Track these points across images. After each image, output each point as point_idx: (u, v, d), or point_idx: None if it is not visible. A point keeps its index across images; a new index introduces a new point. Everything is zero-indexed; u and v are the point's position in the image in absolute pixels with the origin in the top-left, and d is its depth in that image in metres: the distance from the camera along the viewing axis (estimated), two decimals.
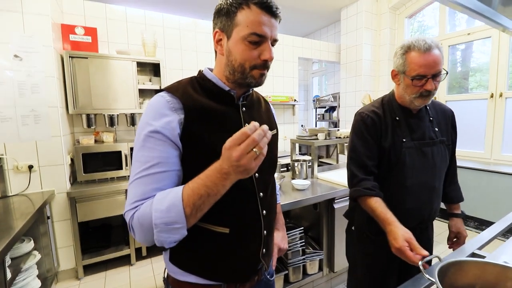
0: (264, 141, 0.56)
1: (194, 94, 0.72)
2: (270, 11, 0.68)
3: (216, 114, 0.72)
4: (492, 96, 3.23)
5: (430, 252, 1.25)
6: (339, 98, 4.74)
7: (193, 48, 3.36)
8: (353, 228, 1.29)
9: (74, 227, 2.27)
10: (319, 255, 2.02)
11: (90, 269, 2.43)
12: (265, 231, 0.80)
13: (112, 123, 2.69)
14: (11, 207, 1.87)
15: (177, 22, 3.24)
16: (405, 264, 1.17)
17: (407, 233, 0.93)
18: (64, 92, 2.40)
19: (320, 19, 4.92)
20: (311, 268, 2.03)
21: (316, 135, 2.50)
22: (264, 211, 0.79)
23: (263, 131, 0.56)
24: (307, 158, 2.62)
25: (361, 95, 4.28)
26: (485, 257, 1.01)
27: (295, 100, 4.16)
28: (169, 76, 3.17)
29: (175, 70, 3.25)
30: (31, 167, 2.14)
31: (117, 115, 2.70)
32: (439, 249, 2.68)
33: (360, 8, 4.13)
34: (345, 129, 2.70)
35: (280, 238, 0.99)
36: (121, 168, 2.54)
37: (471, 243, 1.12)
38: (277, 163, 0.95)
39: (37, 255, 1.95)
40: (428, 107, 1.21)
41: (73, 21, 2.64)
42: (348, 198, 1.35)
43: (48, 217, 2.20)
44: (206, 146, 0.68)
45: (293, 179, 2.29)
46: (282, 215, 1.07)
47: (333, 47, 4.64)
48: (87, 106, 2.47)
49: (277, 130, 0.90)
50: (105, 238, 2.60)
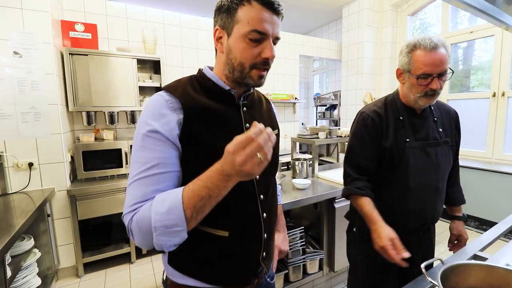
0: (268, 145, 0.54)
1: (194, 94, 0.70)
2: (272, 7, 0.66)
3: (216, 114, 0.71)
4: (494, 95, 3.21)
5: (432, 254, 1.25)
6: (340, 96, 4.72)
7: (193, 45, 3.34)
8: (354, 230, 1.29)
9: (74, 225, 2.27)
10: (319, 254, 2.02)
11: (90, 267, 2.43)
12: (265, 234, 0.78)
13: (112, 120, 2.68)
14: (11, 205, 1.87)
15: (177, 19, 3.21)
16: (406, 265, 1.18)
17: (391, 233, 0.96)
18: (64, 89, 2.39)
19: (321, 16, 4.89)
20: (311, 267, 2.03)
21: (317, 133, 2.49)
22: (264, 214, 0.77)
23: (268, 135, 0.54)
24: (308, 156, 2.62)
25: (362, 93, 4.26)
26: (487, 259, 1.01)
27: (296, 98, 4.14)
28: (169, 74, 3.15)
29: (175, 68, 3.24)
30: (31, 164, 2.13)
31: (117, 112, 2.69)
32: (439, 248, 2.67)
33: (362, 6, 4.10)
34: (345, 127, 2.69)
35: (281, 240, 0.97)
36: (121, 166, 2.54)
37: (473, 244, 1.11)
38: (278, 164, 0.93)
39: (37, 253, 1.95)
40: (433, 107, 1.19)
41: (73, 17, 2.63)
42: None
43: (48, 215, 2.19)
44: (206, 146, 0.67)
45: (293, 178, 2.28)
46: (283, 216, 1.06)
47: (334, 44, 4.61)
48: (87, 103, 2.46)
49: (279, 130, 0.89)
50: (105, 236, 2.60)
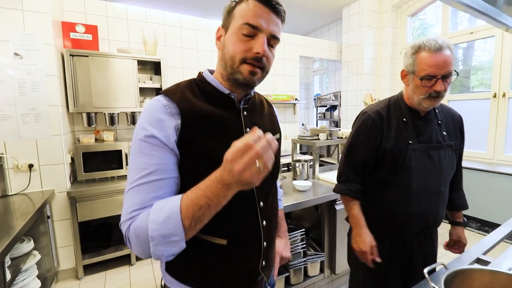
0: (269, 154, 0.51)
1: (193, 99, 0.69)
2: (268, 4, 0.65)
3: (215, 119, 0.69)
4: (495, 96, 3.21)
5: (434, 259, 1.24)
6: (340, 97, 4.72)
7: (194, 46, 3.34)
8: None
9: (74, 227, 2.26)
10: (321, 257, 2.01)
11: (90, 269, 2.42)
12: (265, 243, 0.76)
13: (112, 121, 2.67)
14: (11, 207, 1.86)
15: (178, 20, 3.21)
16: (407, 270, 1.17)
17: (372, 241, 1.12)
18: (65, 90, 2.39)
19: (321, 17, 4.89)
20: (312, 270, 2.02)
21: (318, 135, 2.48)
22: (264, 222, 0.76)
23: (268, 142, 0.51)
24: (308, 158, 2.61)
25: (362, 94, 4.26)
26: (490, 262, 1.00)
27: (296, 99, 4.13)
28: (169, 75, 3.15)
29: (175, 69, 3.23)
30: (31, 166, 2.12)
31: (118, 113, 2.69)
32: (440, 250, 2.65)
33: (362, 7, 4.10)
34: (346, 128, 2.68)
35: (283, 246, 0.95)
36: (121, 167, 2.53)
37: (475, 248, 1.11)
38: (279, 170, 0.92)
39: (37, 255, 1.94)
40: (437, 110, 1.18)
41: (73, 18, 2.62)
42: None
43: (48, 217, 2.19)
44: (204, 152, 0.65)
45: (294, 179, 2.28)
46: (285, 221, 1.03)
47: (334, 45, 4.61)
48: (88, 104, 2.46)
49: (280, 134, 0.87)
50: (105, 237, 2.59)
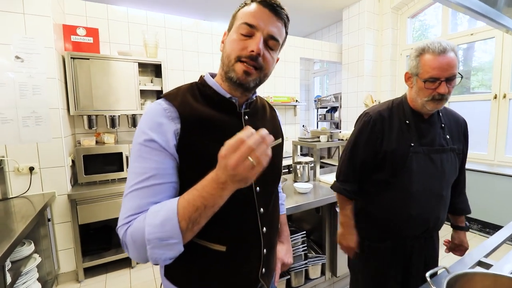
0: (262, 148, 0.50)
1: (194, 103, 0.68)
2: (268, 5, 0.66)
3: (216, 123, 0.68)
4: (495, 97, 3.20)
5: (436, 263, 1.23)
6: (340, 99, 4.71)
7: (194, 49, 3.34)
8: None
9: (75, 229, 2.26)
10: (322, 259, 2.00)
11: (90, 272, 2.41)
12: (265, 250, 0.75)
13: (113, 124, 2.68)
14: (12, 210, 1.86)
15: (178, 22, 3.22)
16: (408, 273, 1.17)
17: (357, 239, 1.23)
18: (66, 93, 2.39)
19: (321, 19, 4.89)
20: (313, 272, 2.01)
21: (319, 137, 2.48)
22: (264, 228, 0.74)
23: (261, 137, 0.50)
24: (309, 159, 2.61)
25: (362, 95, 4.26)
26: (492, 265, 1.00)
27: (296, 101, 4.13)
28: (170, 77, 3.16)
29: (176, 71, 3.24)
30: (32, 169, 2.13)
31: (118, 116, 2.69)
32: (441, 253, 2.65)
33: (362, 8, 4.11)
34: (347, 130, 2.68)
35: (284, 252, 0.93)
36: (122, 170, 2.53)
37: (477, 250, 1.10)
38: (281, 175, 0.90)
39: (37, 258, 1.94)
40: (441, 113, 1.17)
41: (74, 21, 2.63)
42: None
43: (49, 220, 2.18)
44: (204, 157, 0.64)
45: (295, 181, 2.27)
46: (287, 226, 1.01)
47: (334, 47, 4.61)
48: (88, 107, 2.46)
49: (283, 139, 0.86)
50: (105, 240, 2.59)
